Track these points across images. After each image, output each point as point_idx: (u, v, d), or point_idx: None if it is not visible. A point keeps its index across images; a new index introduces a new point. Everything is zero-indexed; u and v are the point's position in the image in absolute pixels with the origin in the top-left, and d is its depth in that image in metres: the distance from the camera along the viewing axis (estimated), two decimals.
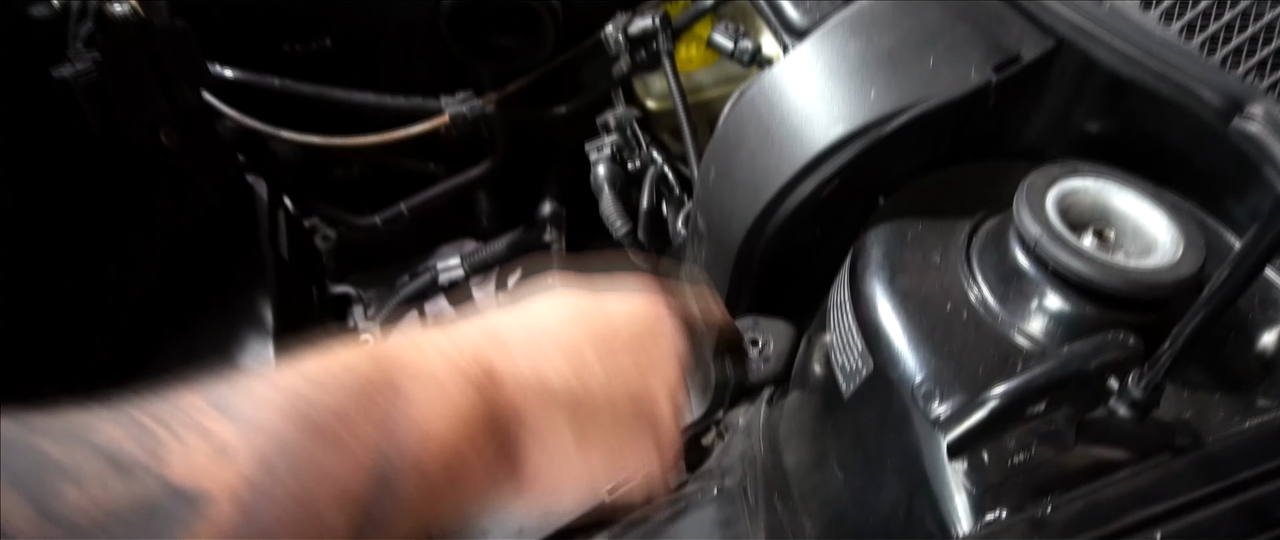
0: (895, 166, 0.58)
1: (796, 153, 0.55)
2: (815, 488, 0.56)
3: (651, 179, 0.78)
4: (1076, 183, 0.51)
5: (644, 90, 0.91)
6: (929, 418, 0.46)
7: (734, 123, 0.59)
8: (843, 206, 0.60)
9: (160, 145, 0.53)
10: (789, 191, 0.55)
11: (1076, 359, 0.42)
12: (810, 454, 0.57)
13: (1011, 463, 0.44)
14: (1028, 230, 0.47)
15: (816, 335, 0.59)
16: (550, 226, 0.97)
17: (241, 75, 0.82)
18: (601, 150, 0.78)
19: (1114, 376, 0.43)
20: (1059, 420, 0.44)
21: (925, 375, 0.47)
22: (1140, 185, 0.51)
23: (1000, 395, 0.43)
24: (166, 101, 0.53)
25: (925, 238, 0.54)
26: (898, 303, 0.50)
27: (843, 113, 0.54)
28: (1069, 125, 0.61)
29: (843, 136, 0.53)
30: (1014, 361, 0.47)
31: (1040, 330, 0.48)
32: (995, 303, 0.50)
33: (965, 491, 0.44)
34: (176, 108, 0.54)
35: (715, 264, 0.64)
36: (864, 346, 0.51)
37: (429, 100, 0.87)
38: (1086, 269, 0.46)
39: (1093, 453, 0.44)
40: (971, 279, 0.51)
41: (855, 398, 0.51)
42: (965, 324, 0.49)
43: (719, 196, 0.61)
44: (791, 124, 0.55)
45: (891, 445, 0.48)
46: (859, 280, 0.53)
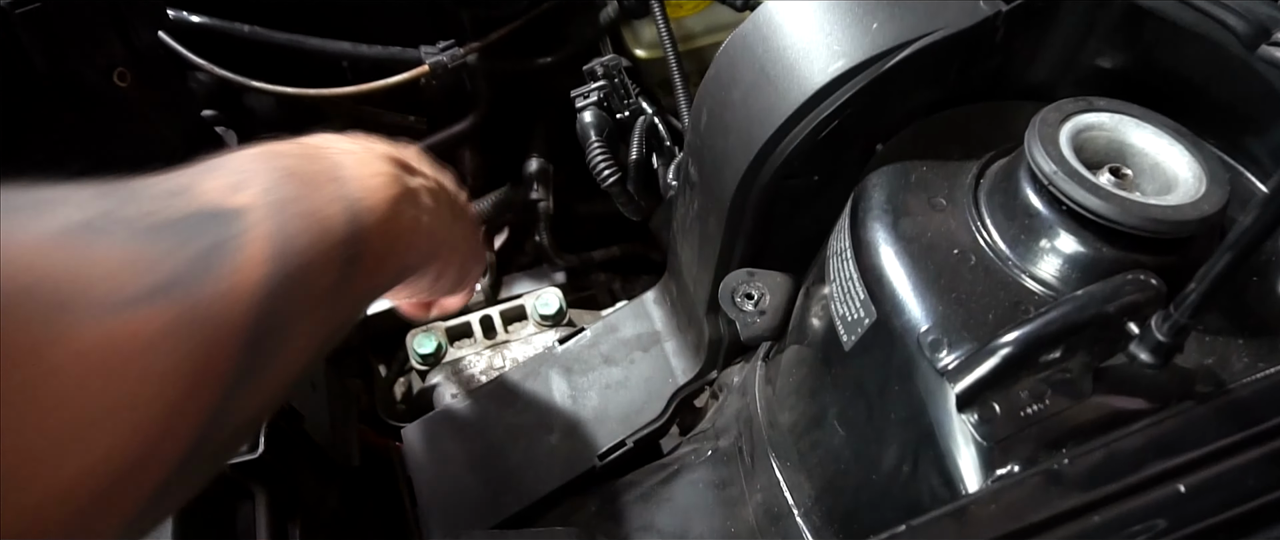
0: (897, 106, 0.55)
1: (793, 91, 0.51)
2: (814, 445, 0.54)
3: (640, 129, 0.75)
4: (1092, 118, 0.48)
5: (633, 38, 0.87)
6: (936, 368, 0.43)
7: (727, 61, 0.56)
8: (841, 150, 0.56)
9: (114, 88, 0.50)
10: (785, 132, 0.52)
11: (1095, 301, 0.39)
12: (809, 411, 0.54)
13: (1024, 414, 0.41)
14: (1041, 167, 0.44)
15: (815, 287, 0.56)
16: (537, 184, 0.93)
17: (208, 21, 0.78)
18: (588, 97, 0.74)
19: (1134, 320, 0.40)
20: (1074, 368, 0.42)
21: (932, 323, 0.44)
22: (1159, 120, 0.48)
23: (1012, 342, 0.40)
24: (120, 40, 0.49)
25: (930, 180, 0.51)
26: (901, 248, 0.48)
27: (843, 47, 0.50)
28: (1079, 60, 0.58)
29: (843, 72, 0.50)
30: (1025, 307, 0.45)
31: (1053, 273, 0.45)
32: (1005, 246, 0.47)
33: (975, 445, 0.42)
34: (132, 47, 0.50)
35: (707, 214, 0.61)
36: (866, 295, 0.48)
37: (408, 50, 0.83)
38: (1105, 206, 0.43)
39: (1110, 402, 0.41)
40: (979, 221, 0.48)
41: (856, 349, 0.48)
42: (973, 269, 0.46)
43: (711, 141, 0.58)
44: (788, 60, 0.52)
45: (895, 398, 0.46)
46: (860, 225, 0.50)
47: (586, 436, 0.72)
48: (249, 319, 0.33)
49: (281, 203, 0.37)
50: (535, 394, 0.74)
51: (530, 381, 0.75)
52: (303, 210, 0.38)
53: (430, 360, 0.83)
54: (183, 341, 0.30)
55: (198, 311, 0.31)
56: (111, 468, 0.29)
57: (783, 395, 0.58)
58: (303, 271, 0.37)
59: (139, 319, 0.29)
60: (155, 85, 0.54)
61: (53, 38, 0.45)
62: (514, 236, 1.05)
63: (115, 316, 0.29)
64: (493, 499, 0.70)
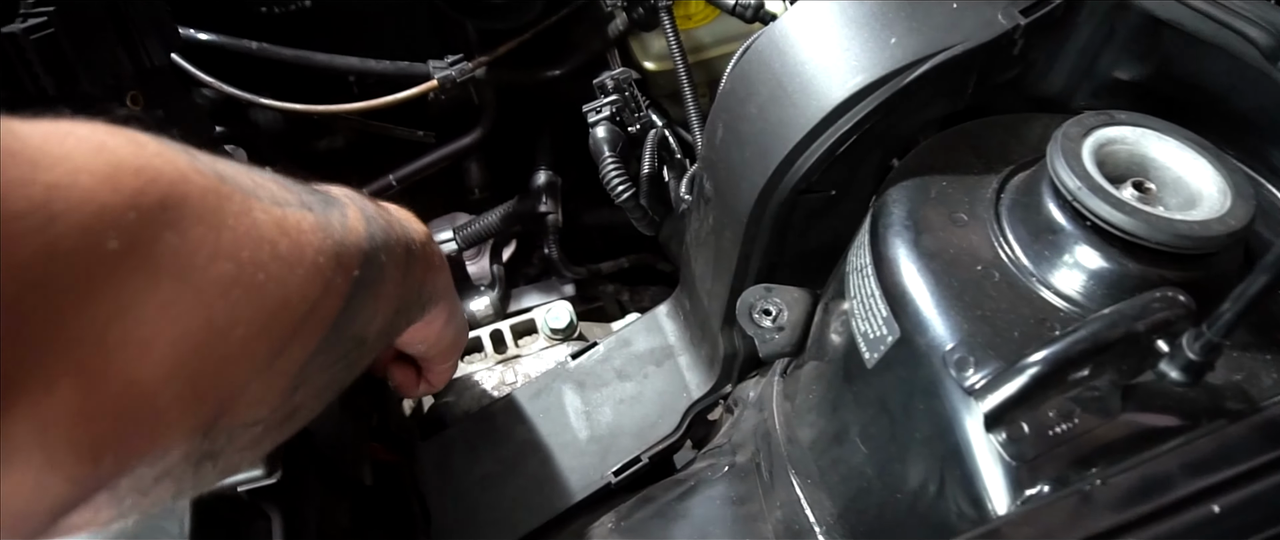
0: (914, 119, 0.55)
1: (812, 106, 0.51)
2: (835, 462, 0.53)
3: (652, 142, 0.74)
4: (1113, 131, 0.47)
5: (641, 50, 0.87)
6: (963, 386, 0.42)
7: (742, 75, 0.55)
8: (857, 164, 0.56)
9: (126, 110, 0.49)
10: (804, 147, 0.52)
11: (1125, 319, 0.39)
12: (830, 427, 0.54)
13: (1053, 433, 0.41)
14: (1065, 182, 0.44)
15: (834, 303, 0.55)
16: (545, 196, 0.93)
17: (216, 38, 0.78)
18: (600, 112, 0.74)
19: (1164, 338, 0.40)
20: (1102, 386, 0.41)
21: (957, 341, 0.44)
22: (1181, 133, 0.48)
23: (1041, 361, 0.40)
24: (131, 62, 0.49)
25: (950, 194, 0.51)
26: (923, 264, 0.47)
27: (862, 61, 0.50)
28: (1096, 71, 0.57)
29: (862, 86, 0.49)
30: (1051, 324, 0.44)
31: (1077, 289, 0.45)
32: (1028, 261, 0.47)
33: (1002, 465, 0.41)
34: (142, 69, 0.50)
35: (723, 228, 0.61)
36: (888, 312, 0.47)
37: (415, 65, 0.82)
38: (1130, 222, 0.42)
39: (1140, 420, 0.41)
40: (1002, 237, 0.48)
41: (879, 366, 0.48)
42: (997, 285, 0.46)
43: (727, 155, 0.57)
44: (806, 75, 0.51)
45: (920, 416, 0.45)
46: (881, 241, 0.49)
47: (601, 452, 0.71)
48: (362, 248, 0.44)
49: (360, 201, 0.48)
50: (548, 410, 0.74)
51: (543, 397, 0.75)
52: (375, 211, 0.49)
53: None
54: (325, 238, 0.40)
55: (332, 227, 0.41)
56: (292, 313, 0.38)
57: (802, 411, 0.58)
58: (385, 239, 0.47)
59: (295, 214, 0.39)
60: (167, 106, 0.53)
61: (63, 61, 0.45)
62: (522, 249, 1.05)
63: (282, 208, 0.38)
64: (507, 517, 0.70)
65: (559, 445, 0.72)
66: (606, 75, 0.76)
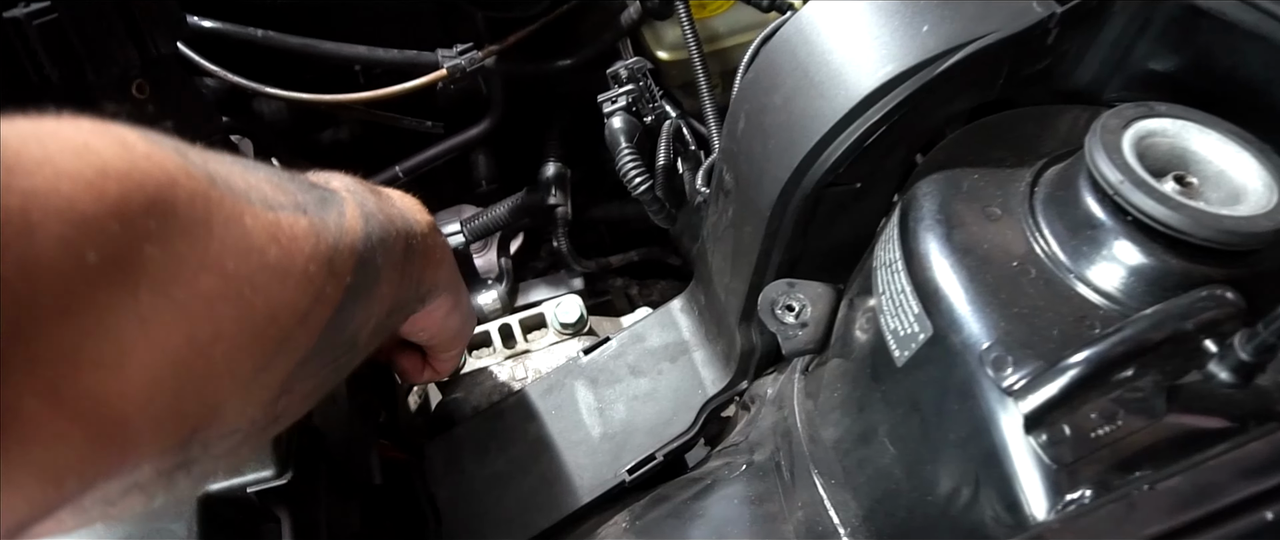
0: (942, 111, 0.53)
1: (840, 96, 0.49)
2: (861, 463, 0.52)
3: (668, 133, 0.73)
4: (1153, 124, 0.46)
5: (654, 40, 0.85)
6: (1000, 386, 0.41)
7: (767, 64, 0.54)
8: (884, 156, 0.55)
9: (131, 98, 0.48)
10: (831, 139, 0.50)
11: (1172, 318, 0.38)
12: (856, 427, 0.52)
13: (1095, 435, 0.39)
14: (1106, 176, 0.43)
15: (859, 299, 0.54)
16: (554, 188, 0.91)
17: (221, 26, 0.76)
18: (616, 102, 0.72)
19: (1212, 337, 0.38)
20: (1146, 387, 0.40)
21: (993, 340, 0.42)
22: (1222, 126, 0.46)
23: (1084, 361, 0.38)
24: (137, 50, 0.47)
25: (982, 188, 0.49)
26: (956, 260, 0.46)
27: (892, 50, 0.48)
28: (1129, 62, 0.56)
29: (893, 76, 0.48)
30: (1090, 322, 0.43)
31: (1117, 286, 0.44)
32: (1065, 257, 0.45)
33: (1041, 468, 0.40)
34: (148, 58, 0.48)
35: (743, 222, 0.59)
36: (920, 309, 0.46)
37: (424, 53, 0.81)
38: (1175, 217, 0.41)
39: (1186, 422, 0.40)
40: (1037, 232, 0.46)
41: (910, 365, 0.47)
42: (1033, 281, 0.45)
43: (749, 147, 0.56)
44: (833, 64, 0.50)
45: (954, 417, 0.44)
46: (912, 237, 0.48)
47: (614, 450, 0.70)
48: (357, 248, 0.42)
49: (361, 195, 0.47)
50: (560, 407, 0.72)
51: (555, 394, 0.73)
52: (376, 205, 0.48)
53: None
54: (319, 244, 0.39)
55: (327, 230, 0.40)
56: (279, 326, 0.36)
57: (825, 410, 0.56)
58: (382, 237, 0.46)
59: (288, 219, 0.37)
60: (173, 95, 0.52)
61: (67, 47, 0.43)
62: (529, 242, 1.03)
63: (274, 213, 0.36)
64: (518, 516, 0.68)
65: (571, 443, 0.71)
66: (620, 65, 0.75)
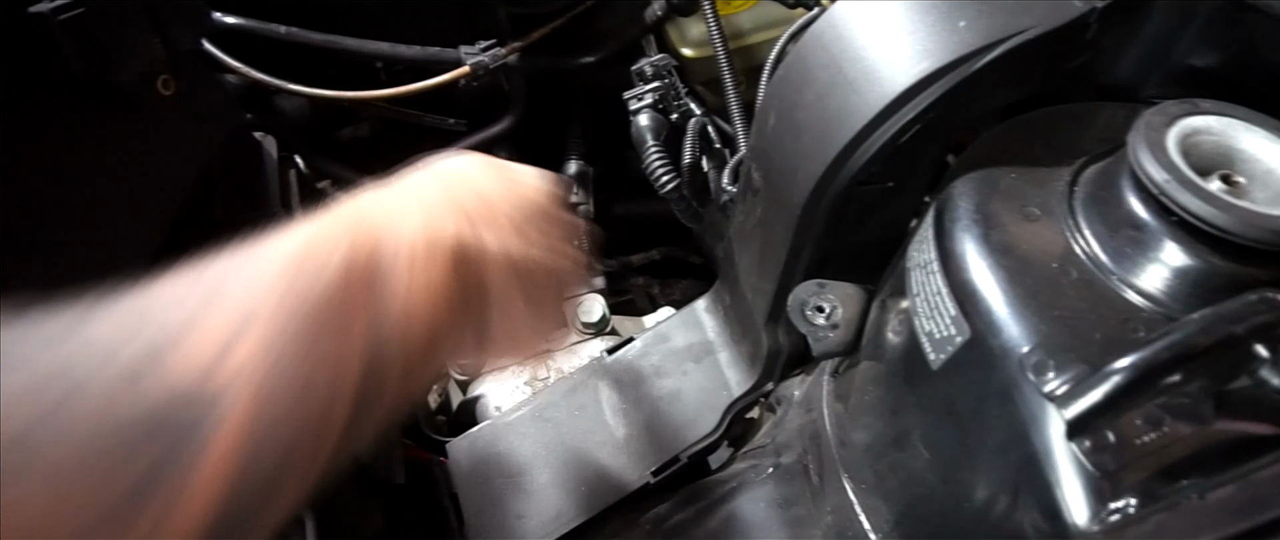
0: (978, 107, 0.52)
1: (874, 93, 0.48)
2: (893, 467, 0.51)
3: (694, 131, 0.72)
4: (1198, 121, 0.45)
5: (679, 37, 0.84)
6: (1042, 391, 0.40)
7: (798, 61, 0.53)
8: (917, 155, 0.53)
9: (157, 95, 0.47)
10: (865, 137, 0.49)
11: (1223, 322, 0.36)
12: (888, 431, 0.51)
13: (1141, 442, 0.38)
14: (1151, 175, 0.41)
15: (891, 300, 0.53)
16: (576, 186, 0.91)
17: (245, 22, 0.76)
18: (642, 99, 0.71)
19: (1263, 342, 0.37)
20: (1194, 392, 0.39)
21: (1034, 343, 0.41)
22: (1270, 124, 0.45)
23: (1130, 367, 0.37)
24: (162, 46, 0.47)
25: (1020, 188, 0.48)
26: (995, 261, 0.45)
27: (928, 46, 0.47)
28: (1170, 58, 0.54)
29: (929, 73, 0.47)
30: (1135, 326, 0.42)
31: (1161, 288, 0.42)
32: (1107, 259, 0.44)
33: (1084, 476, 0.39)
34: (173, 53, 0.48)
35: (773, 221, 0.58)
36: (957, 311, 0.45)
37: (447, 50, 0.80)
38: (1223, 218, 0.40)
39: (1235, 429, 0.38)
40: (1077, 232, 0.45)
41: (946, 368, 0.45)
42: (1075, 283, 0.43)
43: (780, 145, 0.55)
44: (868, 60, 0.49)
45: (992, 422, 0.43)
46: (947, 237, 0.47)
47: (639, 451, 0.69)
48: None
49: (280, 366, 0.32)
50: (584, 407, 0.72)
51: (578, 394, 0.73)
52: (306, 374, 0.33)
53: (471, 371, 0.81)
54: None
55: None
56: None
57: (856, 413, 0.55)
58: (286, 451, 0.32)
59: None
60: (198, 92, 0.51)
61: (92, 43, 0.43)
62: None
63: None
64: (542, 518, 0.68)
65: (595, 444, 0.70)
66: (645, 62, 0.74)
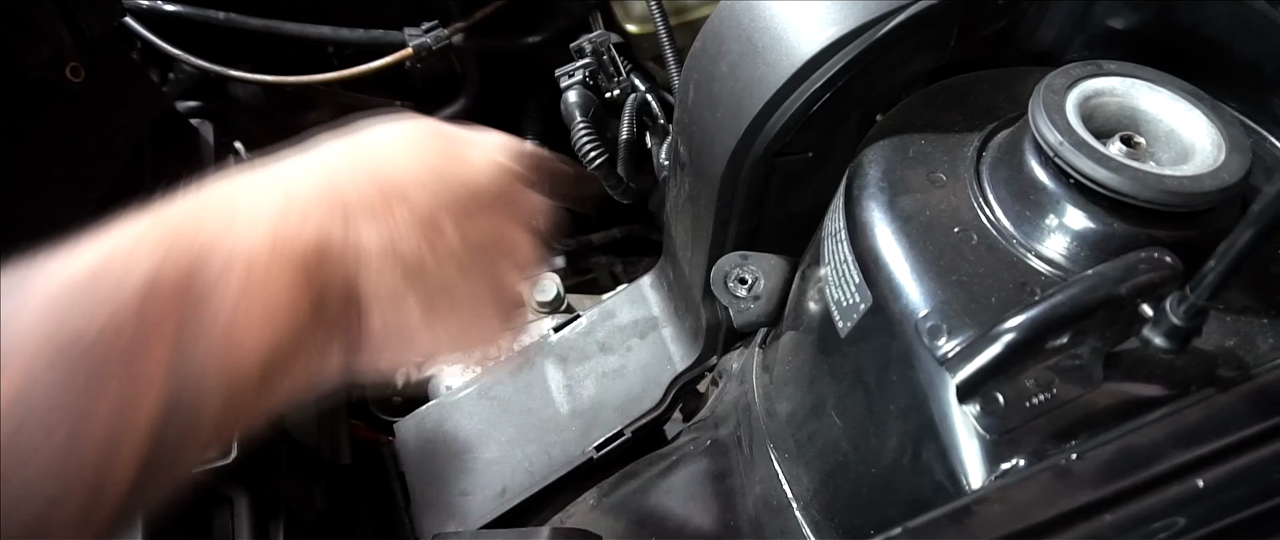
0: (895, 74, 0.52)
1: (783, 62, 0.48)
2: (811, 437, 0.51)
3: (632, 107, 0.72)
4: (1101, 83, 0.45)
5: (623, 13, 0.84)
6: (935, 356, 0.40)
7: (712, 33, 0.53)
8: (836, 123, 0.53)
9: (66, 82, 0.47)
10: (775, 105, 0.49)
11: (1106, 282, 0.36)
12: (806, 400, 0.52)
13: (1030, 404, 0.38)
14: (1045, 137, 0.41)
15: (811, 269, 0.53)
16: None
17: (181, 9, 0.76)
18: (573, 75, 0.71)
19: (1148, 301, 0.37)
20: (1084, 354, 0.39)
21: (930, 308, 0.41)
22: (1174, 84, 0.45)
23: (1017, 327, 0.37)
24: (69, 32, 0.47)
25: (929, 154, 0.48)
26: (898, 227, 0.45)
27: (832, 14, 0.47)
28: (1090, 20, 0.54)
29: (833, 40, 0.47)
30: (1032, 288, 0.42)
31: (1062, 252, 0.42)
32: (1009, 223, 0.44)
33: (978, 438, 0.39)
34: (82, 40, 0.48)
35: (698, 194, 0.58)
36: (861, 278, 0.45)
37: (390, 32, 0.80)
38: (1115, 179, 0.40)
39: (1124, 389, 0.39)
40: (982, 197, 0.45)
41: (852, 336, 0.46)
42: (975, 248, 0.44)
43: (699, 117, 0.55)
44: (776, 30, 0.49)
45: (894, 388, 0.43)
46: (855, 204, 0.47)
47: (583, 427, 0.70)
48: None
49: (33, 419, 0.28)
50: (530, 385, 0.72)
51: (524, 372, 0.73)
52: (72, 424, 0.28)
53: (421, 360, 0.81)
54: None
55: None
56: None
57: (780, 384, 0.55)
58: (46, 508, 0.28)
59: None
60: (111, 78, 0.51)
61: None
62: None
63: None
64: (487, 493, 0.68)
65: (540, 420, 0.70)
66: (584, 38, 0.74)
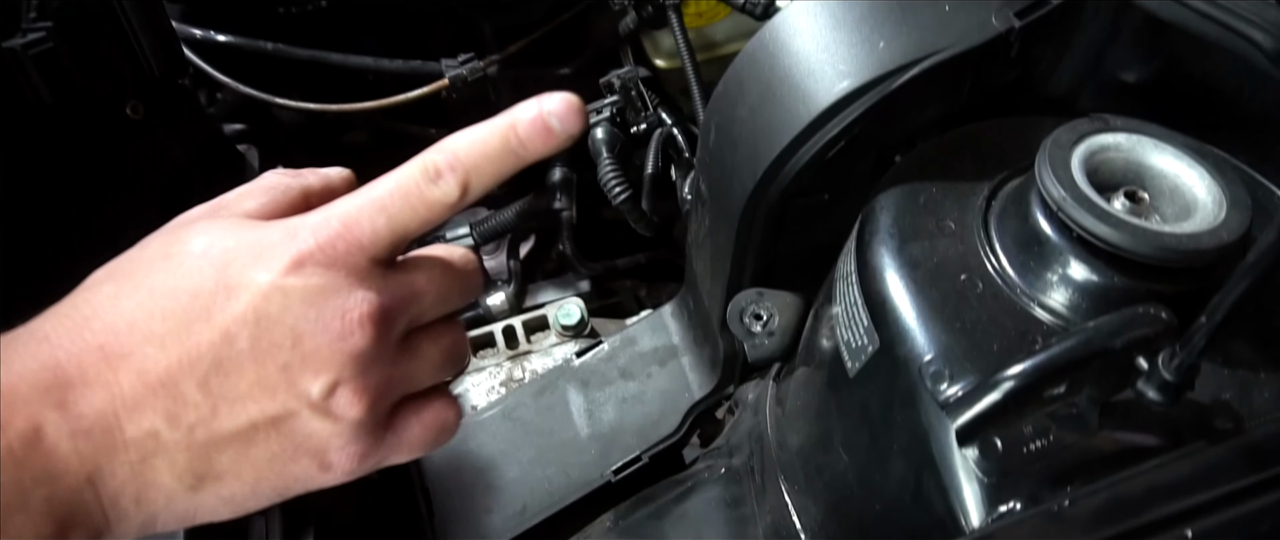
0: (908, 122, 0.54)
1: (799, 110, 0.50)
2: (820, 470, 0.53)
3: (657, 141, 0.74)
4: (1107, 139, 0.46)
5: (653, 47, 0.87)
6: (937, 400, 0.42)
7: (734, 78, 0.55)
8: (852, 165, 0.55)
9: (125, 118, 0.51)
10: (791, 153, 0.51)
11: (1101, 336, 0.38)
12: (816, 434, 0.53)
13: (1028, 449, 0.40)
14: (1050, 192, 0.43)
15: (824, 308, 0.55)
16: (560, 193, 0.93)
17: (233, 39, 0.80)
18: (600, 112, 0.74)
19: (1143, 355, 0.38)
20: (1081, 402, 0.40)
21: (934, 353, 0.43)
22: (1180, 141, 0.46)
23: (1015, 376, 0.39)
24: (132, 72, 0.50)
25: (940, 201, 0.50)
26: (906, 273, 0.46)
27: (848, 66, 0.49)
28: (1101, 71, 0.56)
29: (847, 93, 0.48)
30: (1033, 337, 0.43)
31: (1064, 303, 0.44)
32: (1014, 273, 0.45)
33: (976, 481, 0.41)
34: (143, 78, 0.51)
35: (718, 230, 0.60)
36: (869, 321, 0.47)
37: (428, 63, 0.83)
38: (1116, 234, 0.41)
39: (1118, 438, 0.40)
40: (989, 246, 0.47)
41: (860, 376, 0.47)
42: (980, 296, 0.45)
43: (719, 157, 0.57)
44: (794, 79, 0.51)
45: (898, 429, 0.45)
46: (866, 248, 0.49)
47: (602, 450, 0.72)
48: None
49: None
50: (552, 407, 0.75)
51: (547, 394, 0.75)
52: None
53: None
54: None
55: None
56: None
57: (791, 416, 0.57)
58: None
59: None
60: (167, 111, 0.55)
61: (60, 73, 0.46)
62: (540, 244, 1.05)
63: None
64: (508, 512, 0.71)
65: (561, 442, 0.73)
66: (613, 74, 0.76)
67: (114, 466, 0.32)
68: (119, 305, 0.33)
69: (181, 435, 0.32)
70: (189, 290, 0.33)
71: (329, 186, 0.40)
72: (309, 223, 0.34)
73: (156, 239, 0.35)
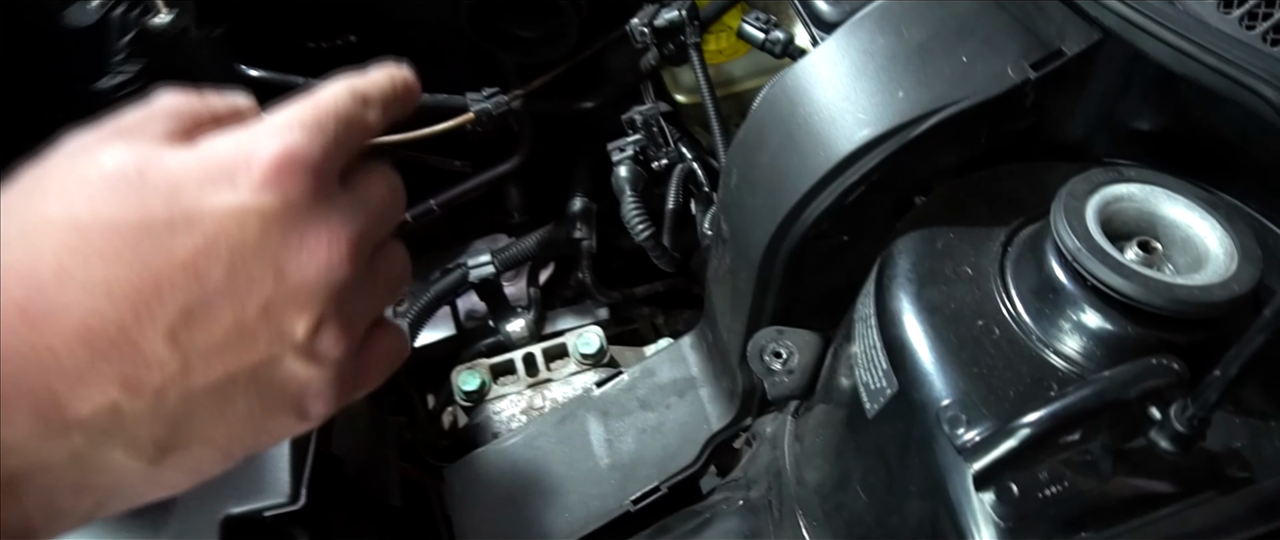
0: (926, 168, 0.55)
1: (819, 158, 0.52)
2: (838, 507, 0.54)
3: (678, 177, 0.76)
4: (1121, 189, 0.47)
5: (673, 83, 0.89)
6: (955, 445, 0.43)
7: (756, 123, 0.57)
8: (871, 208, 0.57)
9: None
10: (811, 198, 0.52)
11: (1115, 387, 0.39)
12: (834, 472, 0.55)
13: (1043, 494, 0.41)
14: (1065, 243, 0.44)
15: (843, 347, 0.56)
16: (580, 222, 0.95)
17: (267, 75, 0.82)
18: (623, 150, 0.76)
19: (1156, 405, 0.40)
20: (1095, 449, 0.41)
21: (952, 399, 0.44)
22: (1192, 192, 0.47)
23: (1032, 423, 0.40)
24: None
25: (957, 246, 0.51)
26: (924, 318, 0.48)
27: (868, 115, 0.51)
28: (1114, 119, 0.57)
29: (867, 141, 0.50)
30: (1048, 384, 0.44)
31: (1078, 351, 0.45)
32: (1030, 320, 0.47)
33: (993, 525, 0.42)
34: None
35: (738, 269, 0.62)
36: (888, 365, 0.48)
37: (454, 97, 0.85)
38: (1129, 286, 0.42)
39: (1132, 484, 0.41)
40: (1005, 293, 0.48)
41: (879, 418, 0.49)
42: (997, 342, 0.46)
43: (741, 200, 0.58)
44: (814, 126, 0.52)
45: (915, 471, 0.46)
46: (885, 292, 0.50)
47: (621, 480, 0.73)
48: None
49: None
50: (572, 437, 0.76)
51: (567, 424, 0.77)
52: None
53: (474, 397, 0.86)
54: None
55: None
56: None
57: (810, 453, 0.58)
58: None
59: None
60: None
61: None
62: (559, 272, 1.07)
63: None
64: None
65: (581, 472, 0.74)
66: (635, 111, 0.78)
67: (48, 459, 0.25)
68: (34, 247, 0.25)
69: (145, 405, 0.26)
70: (133, 223, 0.25)
71: (237, 111, 0.33)
72: (263, 132, 0.28)
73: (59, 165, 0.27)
